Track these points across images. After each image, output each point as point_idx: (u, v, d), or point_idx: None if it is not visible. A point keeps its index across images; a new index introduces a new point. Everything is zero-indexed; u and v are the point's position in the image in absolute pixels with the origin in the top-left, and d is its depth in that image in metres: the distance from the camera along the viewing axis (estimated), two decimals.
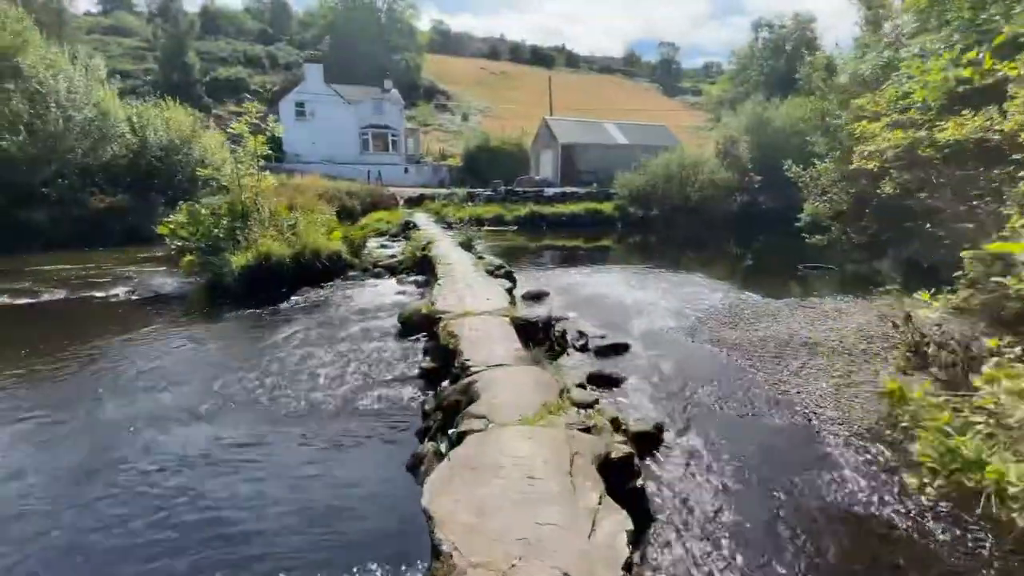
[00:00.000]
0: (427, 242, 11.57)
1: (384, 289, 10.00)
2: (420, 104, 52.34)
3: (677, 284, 10.46)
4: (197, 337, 6.99)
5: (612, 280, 10.81)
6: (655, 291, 9.65)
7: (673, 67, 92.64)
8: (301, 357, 6.02)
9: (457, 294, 6.49)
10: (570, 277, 11.27)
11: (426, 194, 26.60)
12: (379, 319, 7.81)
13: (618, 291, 9.62)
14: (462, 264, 9.03)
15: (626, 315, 7.88)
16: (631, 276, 11.42)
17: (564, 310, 7.99)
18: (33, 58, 17.10)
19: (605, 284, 10.34)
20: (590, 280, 10.88)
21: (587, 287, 10.06)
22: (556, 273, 11.87)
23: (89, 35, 51.82)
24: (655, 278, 11.28)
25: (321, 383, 5.22)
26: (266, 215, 11.04)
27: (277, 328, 7.36)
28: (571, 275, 11.57)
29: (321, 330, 7.18)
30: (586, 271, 12.23)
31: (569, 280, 10.81)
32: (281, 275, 9.70)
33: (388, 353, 6.15)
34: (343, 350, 6.24)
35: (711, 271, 13.08)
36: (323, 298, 9.28)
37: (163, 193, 19.12)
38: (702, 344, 6.48)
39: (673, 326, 7.26)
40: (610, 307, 8.44)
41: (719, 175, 23.33)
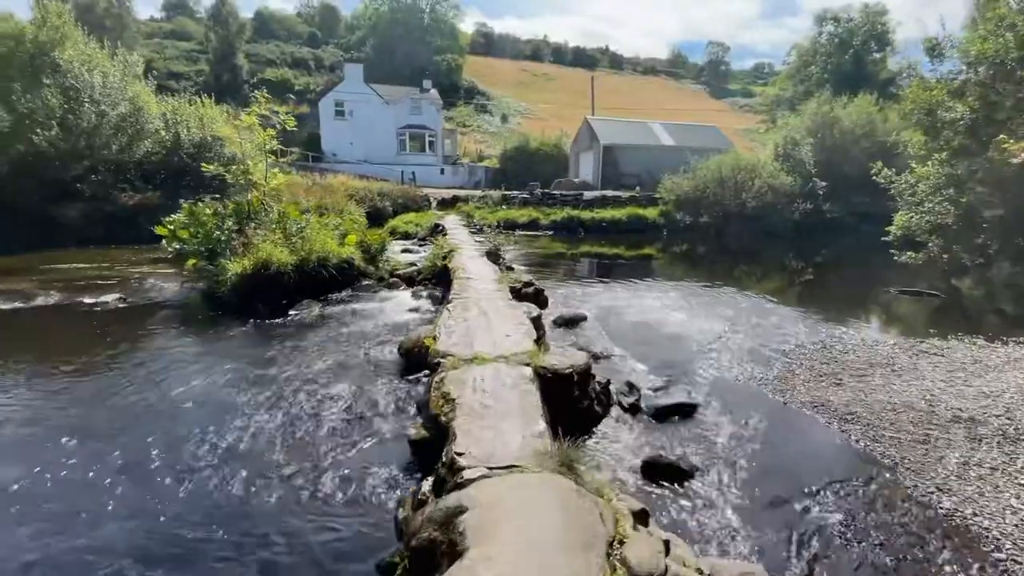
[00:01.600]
0: (449, 250, 10.11)
1: (396, 304, 8.59)
2: (460, 105, 51.41)
3: (745, 309, 8.54)
4: (147, 368, 5.70)
5: (663, 301, 9.00)
6: (719, 318, 7.80)
7: (722, 68, 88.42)
8: (267, 405, 4.61)
9: (468, 324, 4.93)
10: (612, 295, 9.54)
11: (460, 196, 25.35)
12: (380, 344, 6.37)
13: (673, 317, 7.83)
14: (483, 279, 7.48)
15: (687, 354, 6.11)
16: (685, 295, 9.57)
17: (606, 343, 6.31)
18: (71, 52, 16.81)
19: (655, 306, 8.55)
20: (636, 300, 9.11)
21: (633, 310, 8.31)
22: (595, 289, 10.16)
23: (151, 39, 53.73)
24: (714, 299, 9.39)
25: (270, 458, 3.76)
26: (274, 217, 9.86)
27: (254, 356, 6.02)
28: (613, 292, 9.83)
29: (305, 361, 5.79)
30: (630, 287, 10.45)
31: (611, 299, 9.09)
32: (282, 285, 8.44)
33: (378, 401, 4.67)
34: (322, 396, 4.80)
35: (780, 292, 11.03)
36: (324, 314, 7.94)
37: (195, 191, 18.61)
38: (800, 409, 4.66)
39: (752, 375, 5.45)
40: (665, 341, 6.68)
41: (779, 180, 20.92)
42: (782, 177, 21.10)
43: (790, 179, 21.26)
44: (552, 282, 10.94)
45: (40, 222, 16.53)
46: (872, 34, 39.31)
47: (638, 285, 10.69)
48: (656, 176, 24.67)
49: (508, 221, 20.68)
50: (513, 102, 56.45)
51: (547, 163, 31.81)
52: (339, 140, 34.21)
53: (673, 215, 21.00)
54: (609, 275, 12.20)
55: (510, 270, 11.37)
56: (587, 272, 13.55)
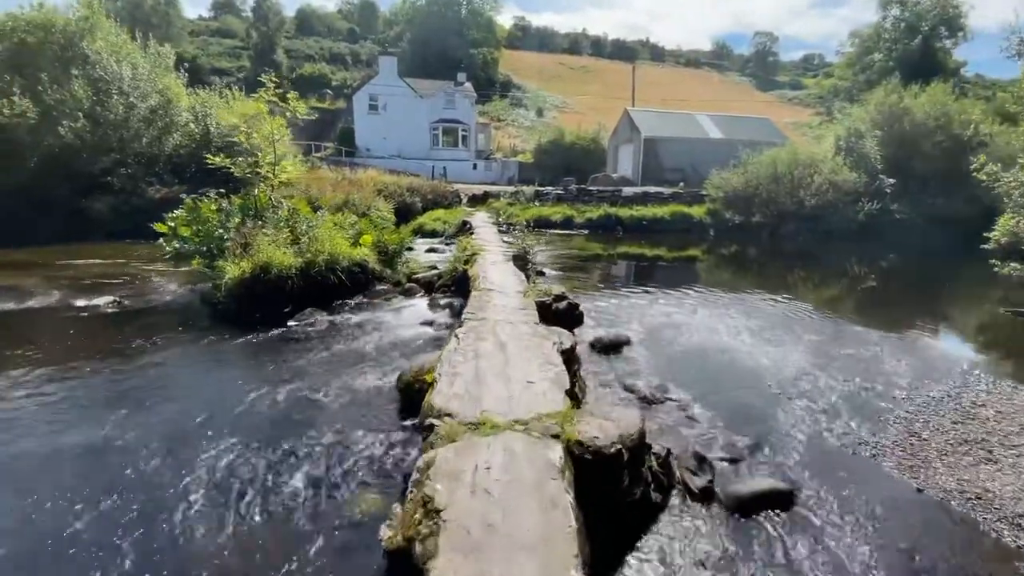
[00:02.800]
0: (471, 254, 8.94)
1: (409, 315, 7.49)
2: (495, 99, 50.21)
3: (826, 334, 6.98)
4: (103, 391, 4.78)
5: (721, 317, 7.53)
6: (795, 345, 6.32)
7: (769, 59, 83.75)
8: (224, 465, 3.55)
9: (479, 364, 3.72)
10: (658, 308, 8.13)
11: (491, 192, 24.21)
12: (381, 369, 5.28)
13: (737, 342, 6.39)
14: (507, 291, 6.26)
15: (764, 398, 4.72)
16: (747, 311, 8.06)
17: (657, 378, 4.99)
18: (101, 43, 16.56)
19: (712, 325, 7.11)
20: (687, 316, 7.68)
21: (686, 329, 6.90)
22: (638, 300, 8.77)
23: (198, 36, 54.96)
24: (783, 317, 7.85)
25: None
26: (283, 214, 8.95)
27: (230, 383, 5.02)
28: (659, 304, 8.41)
29: (287, 392, 4.74)
30: (679, 298, 9.00)
31: (657, 314, 7.69)
32: (284, 291, 7.49)
33: (356, 464, 3.54)
34: (288, 450, 3.70)
35: (862, 309, 9.34)
36: (326, 326, 6.92)
37: (223, 185, 18.20)
38: (945, 501, 3.23)
39: (860, 437, 4.02)
40: (732, 377, 5.29)
41: (842, 176, 18.73)
42: (845, 173, 18.89)
43: (854, 175, 19.02)
44: (587, 290, 9.62)
45: (71, 215, 16.39)
46: (943, 19, 35.64)
47: (688, 295, 9.22)
48: (702, 171, 22.78)
49: (540, 219, 19.38)
50: (549, 96, 54.82)
51: (583, 158, 30.22)
52: (373, 135, 33.64)
53: (721, 214, 19.17)
54: (653, 282, 10.76)
55: (540, 275, 10.12)
56: (627, 278, 12.14)
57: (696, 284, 10.58)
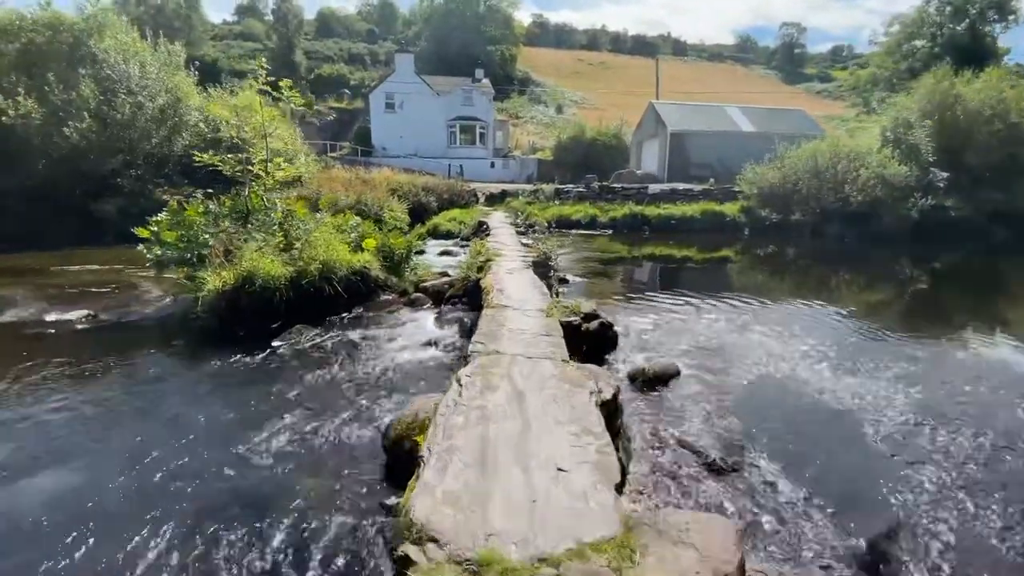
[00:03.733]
0: (485, 260, 7.83)
1: (411, 333, 6.41)
2: (513, 96, 49.02)
3: (916, 361, 5.64)
4: (29, 437, 3.82)
5: (783, 340, 6.21)
6: (886, 379, 5.00)
7: (796, 51, 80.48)
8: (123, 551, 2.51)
9: (487, 431, 2.57)
10: (704, 326, 6.86)
11: (509, 190, 23.08)
12: (368, 411, 4.21)
13: (813, 374, 5.10)
14: (526, 308, 5.13)
15: (877, 467, 3.46)
16: (810, 329, 6.74)
17: (722, 431, 3.78)
18: (109, 42, 15.97)
19: (775, 350, 5.80)
20: (741, 336, 6.40)
21: (744, 356, 5.63)
22: (678, 313, 7.52)
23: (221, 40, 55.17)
24: (857, 337, 6.51)
25: None
26: (277, 216, 7.98)
27: (179, 425, 4.00)
28: (704, 320, 7.14)
29: (245, 448, 3.69)
30: (724, 311, 7.72)
31: (705, 333, 6.43)
32: (272, 305, 6.49)
33: (319, 564, 2.47)
34: (233, 540, 2.65)
35: (946, 324, 7.91)
36: (314, 347, 5.89)
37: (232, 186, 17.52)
38: None
39: None
40: (823, 431, 4.02)
41: (892, 170, 17.01)
42: (895, 167, 17.16)
43: (904, 169, 17.26)
44: (617, 300, 8.41)
45: (82, 217, 15.86)
46: (993, 1, 33.02)
47: (734, 307, 7.93)
48: (732, 167, 21.22)
49: (561, 218, 18.19)
50: (568, 92, 53.36)
51: (605, 154, 28.82)
52: (389, 133, 32.83)
53: (757, 211, 17.65)
54: (690, 289, 9.47)
55: (563, 283, 8.96)
56: (660, 284, 10.86)
57: (740, 292, 9.25)
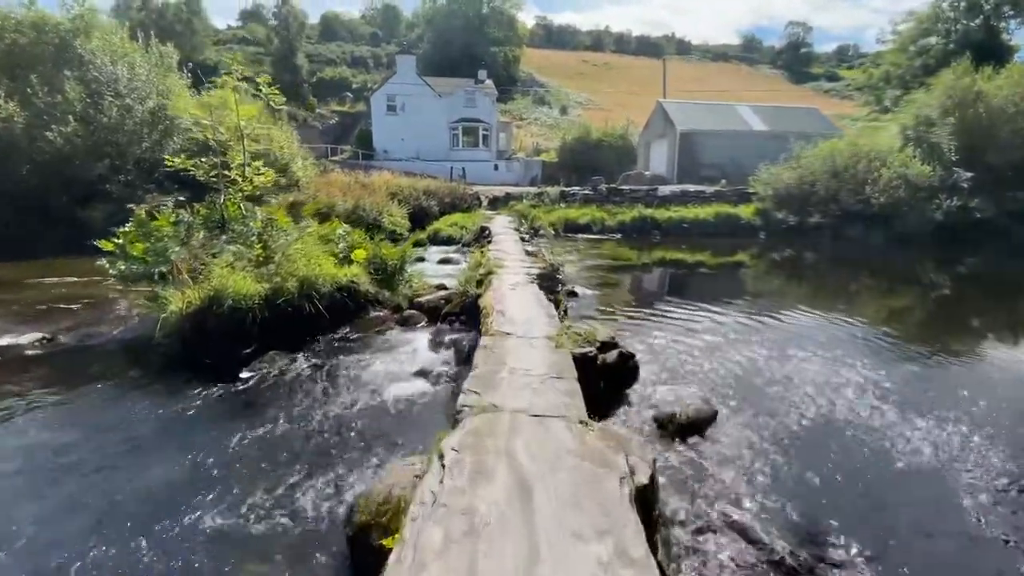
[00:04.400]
0: (486, 272, 7.00)
1: (401, 359, 5.58)
2: (517, 98, 48.25)
3: (993, 389, 4.78)
4: None
5: (833, 368, 5.30)
6: (970, 422, 4.14)
7: (803, 51, 79.27)
8: None
9: (474, 568, 1.73)
10: (737, 350, 5.98)
11: (513, 193, 22.28)
12: (335, 472, 3.40)
13: (880, 418, 4.22)
14: (531, 335, 4.31)
15: (994, 562, 2.62)
16: (861, 353, 5.84)
17: (787, 501, 2.94)
18: (96, 43, 15.30)
19: (828, 381, 4.92)
20: (783, 363, 5.51)
21: (792, 390, 4.76)
22: (703, 332, 6.66)
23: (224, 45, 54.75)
24: (920, 364, 5.62)
25: None
26: (256, 226, 7.21)
27: (107, 485, 3.20)
28: (735, 342, 6.27)
29: (181, 526, 2.88)
30: (757, 329, 6.85)
31: (739, 360, 5.55)
32: (243, 327, 5.70)
33: None
34: None
35: (1011, 340, 7.00)
36: (286, 378, 5.09)
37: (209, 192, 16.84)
38: None
39: None
40: (914, 500, 3.16)
41: (914, 170, 16.06)
42: (917, 167, 16.21)
43: (928, 169, 16.31)
44: (629, 313, 7.57)
45: (70, 224, 15.19)
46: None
47: (763, 321, 7.06)
48: (744, 168, 20.32)
49: (567, 222, 17.38)
50: (573, 93, 52.51)
51: (611, 156, 27.96)
52: (391, 136, 32.12)
53: (772, 214, 16.74)
54: (708, 299, 8.60)
55: (572, 296, 8.12)
56: (675, 293, 9.98)
57: (765, 304, 8.38)
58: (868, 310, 8.57)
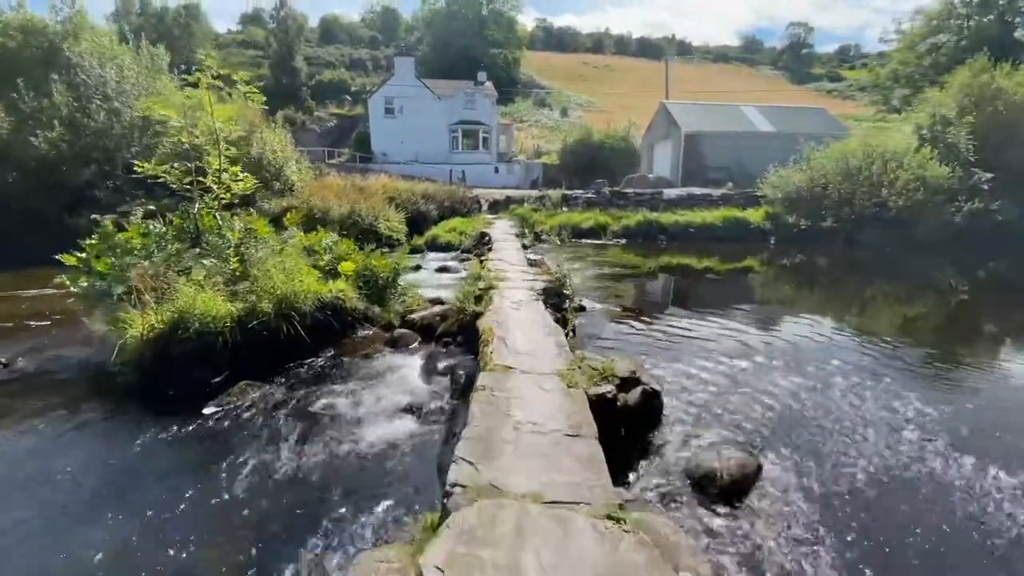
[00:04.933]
0: (486, 287, 6.34)
1: (389, 390, 4.91)
2: (517, 100, 47.63)
3: None
4: None
5: (890, 400, 4.63)
6: None
7: (804, 51, 78.59)
8: None
9: None
10: (772, 378, 5.29)
11: (514, 197, 21.62)
12: (311, 533, 2.74)
13: (953, 467, 3.55)
14: (536, 376, 3.65)
15: None
16: (916, 381, 5.16)
17: None
18: (84, 45, 14.72)
19: (888, 421, 4.23)
20: (826, 393, 4.83)
21: (835, 424, 4.08)
22: (717, 344, 5.98)
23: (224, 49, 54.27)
24: (972, 391, 4.96)
25: None
26: (233, 237, 6.56)
27: None
28: (757, 356, 5.58)
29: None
30: (772, 341, 6.17)
31: (776, 391, 4.85)
32: (212, 351, 5.06)
33: None
34: None
35: None
36: (256, 415, 4.43)
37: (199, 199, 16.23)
38: None
39: None
40: None
41: (933, 171, 15.36)
42: (935, 167, 15.50)
43: (946, 170, 15.60)
44: (642, 330, 6.89)
45: (57, 232, 14.57)
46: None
47: (790, 341, 6.37)
48: (751, 169, 19.65)
49: (569, 227, 16.71)
50: (574, 95, 51.88)
51: (614, 158, 27.30)
52: (389, 139, 31.51)
53: (783, 218, 16.05)
54: (725, 312, 7.93)
55: (580, 311, 7.45)
56: (688, 306, 9.28)
57: (789, 318, 7.70)
58: (905, 325, 7.87)
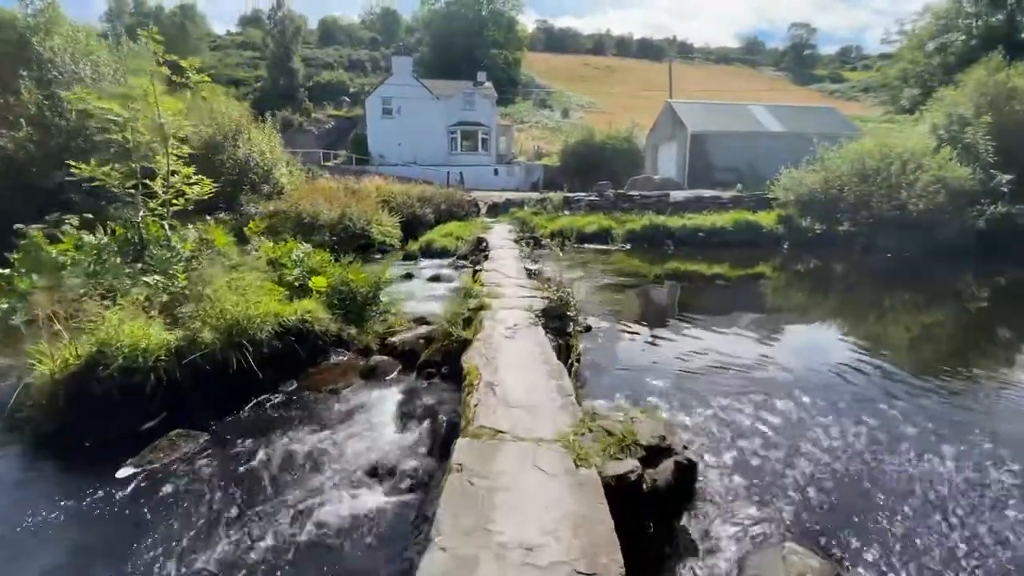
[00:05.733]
0: (477, 307, 5.41)
1: (357, 441, 3.96)
2: (517, 101, 46.73)
3: None
4: None
5: (981, 464, 3.74)
6: None
7: (806, 52, 77.67)
8: None
9: None
10: (807, 407, 4.37)
11: (514, 199, 20.71)
12: None
13: None
14: (533, 454, 2.69)
15: None
16: (997, 429, 4.26)
17: None
18: (59, 40, 13.82)
19: (991, 487, 3.34)
20: (886, 441, 3.92)
21: (933, 509, 3.17)
22: (746, 372, 5.06)
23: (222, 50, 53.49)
24: None
25: None
26: (184, 250, 5.64)
27: None
28: (802, 394, 4.65)
29: None
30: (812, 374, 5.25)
31: (823, 437, 3.94)
32: (140, 393, 4.13)
33: None
34: None
35: None
36: (184, 479, 3.49)
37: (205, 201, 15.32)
38: None
39: None
40: None
41: (953, 173, 14.41)
42: (956, 169, 14.56)
43: (967, 172, 14.67)
44: (656, 356, 5.95)
45: None
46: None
47: (844, 375, 5.42)
48: (761, 171, 18.72)
49: (571, 231, 15.75)
50: (575, 96, 50.97)
51: (616, 159, 26.38)
52: (386, 140, 30.60)
53: (796, 221, 15.10)
54: (754, 331, 6.99)
55: (586, 331, 6.50)
56: (702, 318, 8.29)
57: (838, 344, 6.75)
58: (963, 350, 6.91)
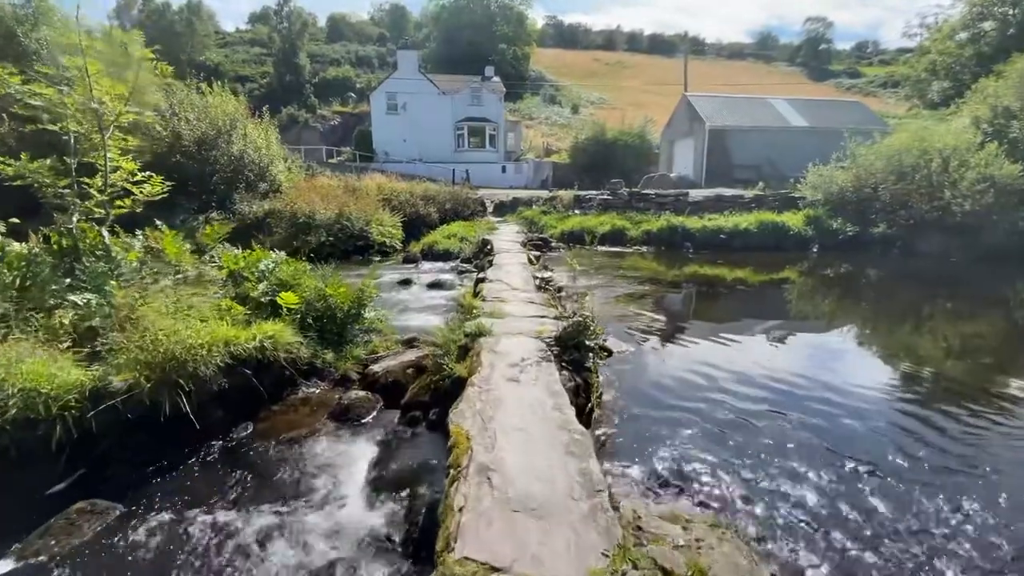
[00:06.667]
0: (475, 334, 4.43)
1: (310, 520, 3.00)
2: (526, 97, 45.58)
3: None
4: None
5: None
6: None
7: (822, 47, 75.45)
8: None
9: None
10: (908, 482, 3.35)
11: (522, 198, 19.70)
12: None
13: None
14: (547, 518, 1.64)
15: None
16: None
17: None
18: (45, 32, 13.10)
19: None
20: None
21: None
22: (811, 413, 4.03)
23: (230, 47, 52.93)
24: None
25: None
26: (130, 259, 4.73)
27: None
28: (934, 483, 3.64)
29: None
30: (899, 406, 4.20)
31: (970, 544, 2.92)
32: (44, 448, 3.21)
33: None
34: None
35: None
36: (79, 567, 2.55)
37: (194, 198, 14.52)
38: None
39: None
40: None
41: (1002, 171, 13.13)
42: (1006, 166, 13.27)
43: (1016, 168, 13.37)
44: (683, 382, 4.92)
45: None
46: None
47: (923, 413, 4.38)
48: (783, 168, 17.51)
49: (582, 231, 14.74)
50: (585, 92, 49.70)
51: (629, 156, 25.22)
52: (391, 137, 29.70)
53: (827, 223, 13.92)
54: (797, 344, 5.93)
55: (606, 355, 5.48)
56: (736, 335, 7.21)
57: (899, 368, 5.67)
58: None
